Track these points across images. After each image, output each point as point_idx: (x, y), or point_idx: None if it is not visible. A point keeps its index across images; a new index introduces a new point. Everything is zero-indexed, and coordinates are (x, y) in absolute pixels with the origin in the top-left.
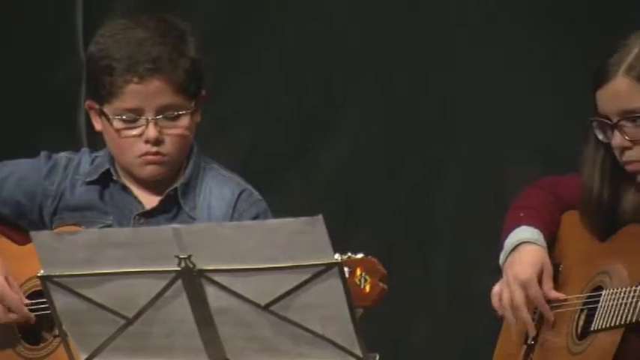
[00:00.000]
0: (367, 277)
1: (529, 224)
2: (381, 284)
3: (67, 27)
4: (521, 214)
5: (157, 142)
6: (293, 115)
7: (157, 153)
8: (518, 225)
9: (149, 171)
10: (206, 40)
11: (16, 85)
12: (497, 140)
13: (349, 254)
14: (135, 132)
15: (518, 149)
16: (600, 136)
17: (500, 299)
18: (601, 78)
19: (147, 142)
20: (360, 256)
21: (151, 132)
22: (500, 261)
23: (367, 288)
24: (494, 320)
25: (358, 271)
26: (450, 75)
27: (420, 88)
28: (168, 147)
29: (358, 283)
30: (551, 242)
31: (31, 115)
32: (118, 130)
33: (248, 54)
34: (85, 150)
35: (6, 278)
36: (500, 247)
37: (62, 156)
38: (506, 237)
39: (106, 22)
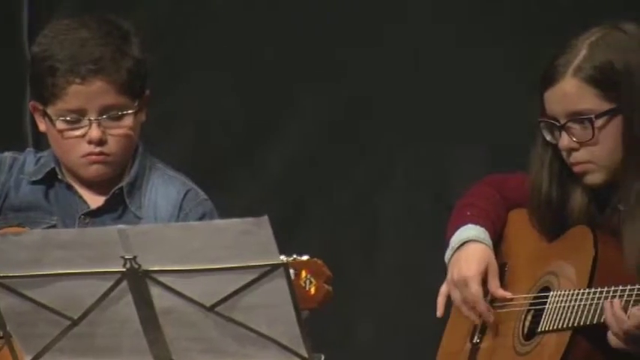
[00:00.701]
0: (312, 280)
1: (475, 222)
2: (326, 286)
3: (12, 26)
4: (468, 213)
5: (101, 142)
6: (239, 115)
7: (100, 153)
8: (464, 223)
9: (93, 171)
10: (151, 39)
11: None
12: (443, 139)
13: (294, 256)
14: (78, 133)
15: (464, 147)
16: (548, 137)
17: (452, 299)
18: (549, 79)
19: (90, 142)
20: (305, 258)
21: (94, 133)
22: (446, 258)
23: (312, 290)
24: (439, 320)
25: (303, 274)
26: (395, 76)
27: (367, 89)
28: (111, 147)
29: (303, 285)
30: (497, 241)
31: None
32: (61, 131)
33: (194, 53)
34: (29, 150)
35: None
36: (445, 245)
37: (7, 155)
38: (452, 235)
39: (51, 22)
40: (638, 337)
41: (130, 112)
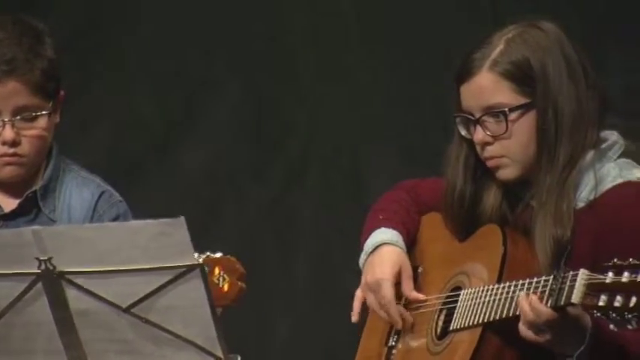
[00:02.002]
0: (225, 276)
1: (388, 226)
2: (239, 283)
3: None
4: (381, 217)
5: (14, 143)
6: (155, 116)
7: (14, 154)
8: (377, 227)
9: (7, 172)
10: (67, 39)
11: None
12: (358, 141)
13: (208, 253)
14: None
15: (380, 150)
16: (463, 132)
17: (367, 304)
18: (465, 73)
19: (4, 143)
20: (218, 255)
21: (8, 133)
22: (360, 262)
23: (225, 287)
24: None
25: (216, 270)
26: (310, 76)
27: (280, 89)
28: (25, 148)
29: (217, 282)
30: (411, 244)
31: None
32: None
33: (110, 54)
34: None
35: None
36: (360, 249)
37: None
38: (366, 239)
39: None
40: (550, 328)
41: (44, 113)
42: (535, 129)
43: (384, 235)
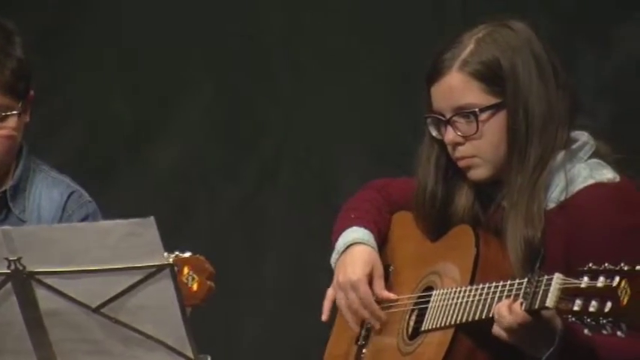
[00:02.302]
0: (195, 276)
1: (360, 225)
2: (208, 282)
3: None
4: (353, 216)
5: None
6: (126, 115)
7: None
8: (349, 226)
9: None
10: (36, 39)
11: None
12: (329, 141)
13: (177, 253)
14: None
15: (351, 150)
16: (434, 133)
17: (337, 303)
18: (435, 74)
19: None
20: (187, 254)
21: None
22: (332, 261)
23: (195, 287)
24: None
25: (185, 270)
26: (278, 77)
27: (252, 90)
28: None
29: (186, 281)
30: (381, 243)
31: None
32: None
33: (81, 53)
34: None
35: None
36: (331, 247)
37: None
38: (337, 237)
39: None
40: (522, 330)
41: (13, 112)
42: (506, 129)
43: (355, 234)
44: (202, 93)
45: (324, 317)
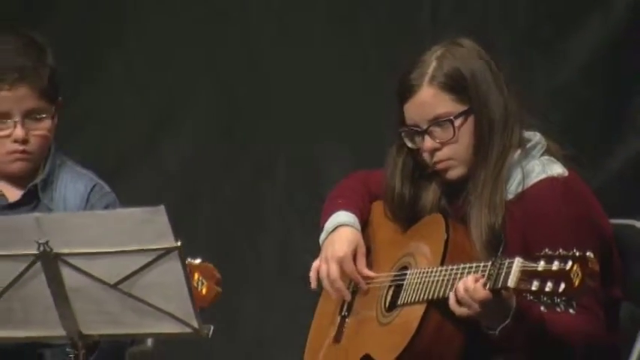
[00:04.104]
0: (204, 281)
1: (346, 209)
2: (216, 288)
3: None
4: (339, 201)
5: (24, 141)
6: (139, 115)
7: (23, 151)
8: (337, 210)
9: (17, 167)
10: (60, 48)
11: None
12: (315, 139)
13: (189, 259)
14: (4, 132)
15: (332, 145)
16: (410, 144)
17: (319, 273)
18: (406, 92)
19: (15, 141)
20: (197, 261)
21: (19, 132)
22: (321, 240)
23: (204, 291)
24: (315, 296)
25: (196, 276)
26: (278, 78)
27: (251, 94)
28: (33, 145)
29: (196, 285)
30: (363, 227)
31: None
32: None
33: (98, 62)
34: None
35: None
36: (319, 230)
37: None
38: (325, 220)
39: None
40: (482, 306)
41: (48, 115)
42: (474, 131)
43: (342, 217)
44: (205, 96)
45: (313, 285)
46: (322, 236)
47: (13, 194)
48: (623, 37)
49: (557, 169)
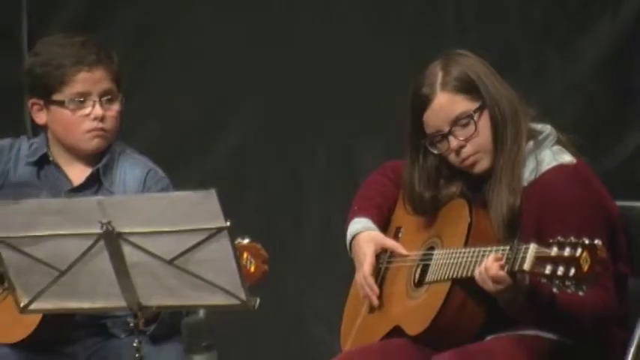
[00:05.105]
0: (252, 260)
1: (361, 215)
2: (264, 266)
3: (10, 41)
4: (356, 207)
5: (103, 119)
6: (194, 112)
7: (101, 129)
8: (352, 218)
9: (95, 143)
10: (122, 50)
11: None
12: (351, 131)
13: (238, 240)
14: (83, 112)
15: (368, 136)
16: (435, 151)
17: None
18: (423, 104)
19: (95, 119)
20: (246, 241)
21: (98, 110)
22: (347, 245)
23: (252, 269)
24: (351, 272)
25: (245, 255)
26: (318, 77)
27: (293, 91)
28: (109, 124)
29: (245, 264)
30: (394, 208)
31: None
32: (73, 110)
33: (157, 64)
34: (23, 137)
35: None
36: (347, 229)
37: (6, 141)
38: (347, 226)
39: (44, 35)
40: (501, 285)
41: (118, 99)
42: (490, 123)
43: (357, 225)
44: (253, 94)
45: (373, 301)
46: (348, 244)
47: (78, 178)
48: (631, 38)
49: (567, 158)
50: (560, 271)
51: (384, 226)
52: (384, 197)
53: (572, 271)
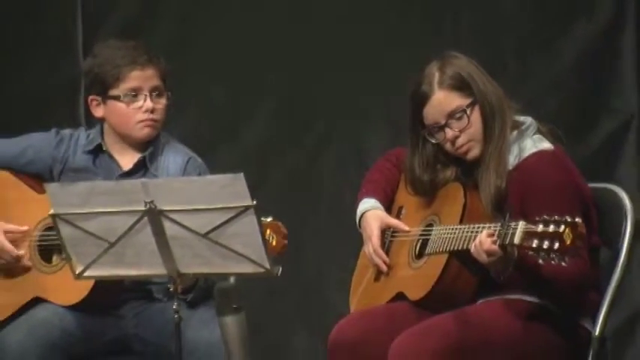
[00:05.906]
0: (274, 236)
1: (368, 196)
2: (283, 241)
3: (66, 45)
4: (364, 190)
5: (153, 110)
6: (223, 105)
7: (152, 119)
8: (361, 199)
9: (146, 132)
10: (162, 53)
11: (31, 89)
12: (362, 119)
13: (262, 217)
14: (137, 104)
15: (377, 125)
16: (433, 140)
17: (367, 253)
18: (423, 100)
19: (146, 111)
20: (269, 219)
21: (149, 103)
22: (357, 224)
23: (274, 243)
24: (360, 245)
25: (268, 231)
26: (335, 68)
27: (312, 86)
28: (158, 115)
29: (268, 239)
30: (396, 190)
31: (47, 108)
32: (127, 103)
33: (191, 61)
34: (81, 128)
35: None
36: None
37: (67, 131)
38: (357, 205)
39: (97, 39)
40: (493, 256)
41: (165, 95)
42: (481, 116)
43: (365, 204)
44: (274, 87)
45: (381, 267)
46: (357, 220)
47: (127, 164)
48: (604, 39)
49: (546, 145)
50: (546, 244)
51: (388, 205)
52: (388, 180)
53: (557, 244)
